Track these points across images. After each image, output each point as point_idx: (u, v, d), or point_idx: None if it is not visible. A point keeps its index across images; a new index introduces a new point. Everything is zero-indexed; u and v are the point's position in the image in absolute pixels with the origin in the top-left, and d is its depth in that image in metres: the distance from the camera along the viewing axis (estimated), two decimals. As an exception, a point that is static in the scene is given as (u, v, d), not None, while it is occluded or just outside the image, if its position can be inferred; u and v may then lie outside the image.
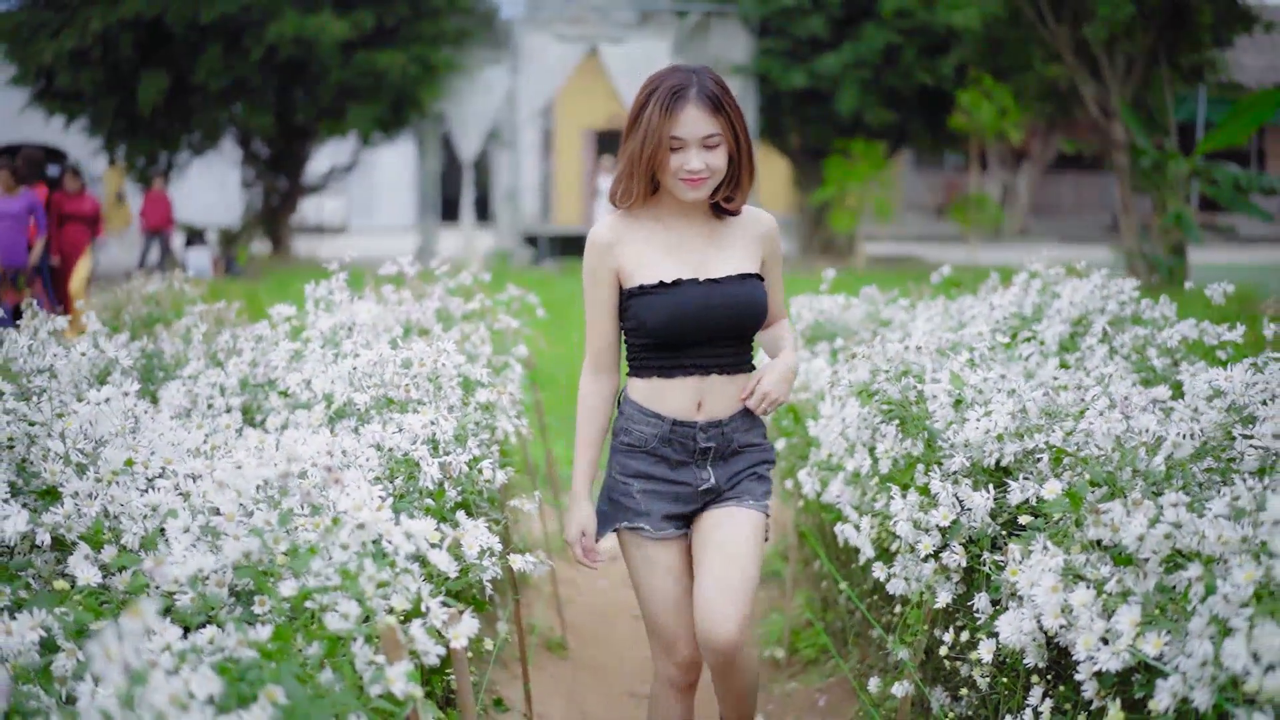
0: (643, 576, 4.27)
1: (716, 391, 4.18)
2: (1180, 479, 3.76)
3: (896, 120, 30.93)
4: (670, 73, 4.06)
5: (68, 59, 26.46)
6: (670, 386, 4.17)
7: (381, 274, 6.65)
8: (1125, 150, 22.74)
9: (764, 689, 6.19)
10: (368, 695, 2.92)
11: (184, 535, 3.32)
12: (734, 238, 4.23)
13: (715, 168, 4.05)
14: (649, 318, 4.12)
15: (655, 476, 4.21)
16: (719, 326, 4.13)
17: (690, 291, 4.12)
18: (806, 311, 7.45)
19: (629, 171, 4.10)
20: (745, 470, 4.25)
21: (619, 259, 4.18)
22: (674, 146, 4.01)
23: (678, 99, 3.98)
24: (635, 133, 4.04)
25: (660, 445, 4.18)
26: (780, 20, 30.53)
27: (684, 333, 4.11)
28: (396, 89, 28.16)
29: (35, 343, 5.25)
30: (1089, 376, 5.07)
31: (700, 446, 4.19)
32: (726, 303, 4.13)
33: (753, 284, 4.19)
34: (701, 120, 3.99)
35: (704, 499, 4.23)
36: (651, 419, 4.18)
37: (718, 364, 4.18)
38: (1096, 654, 3.19)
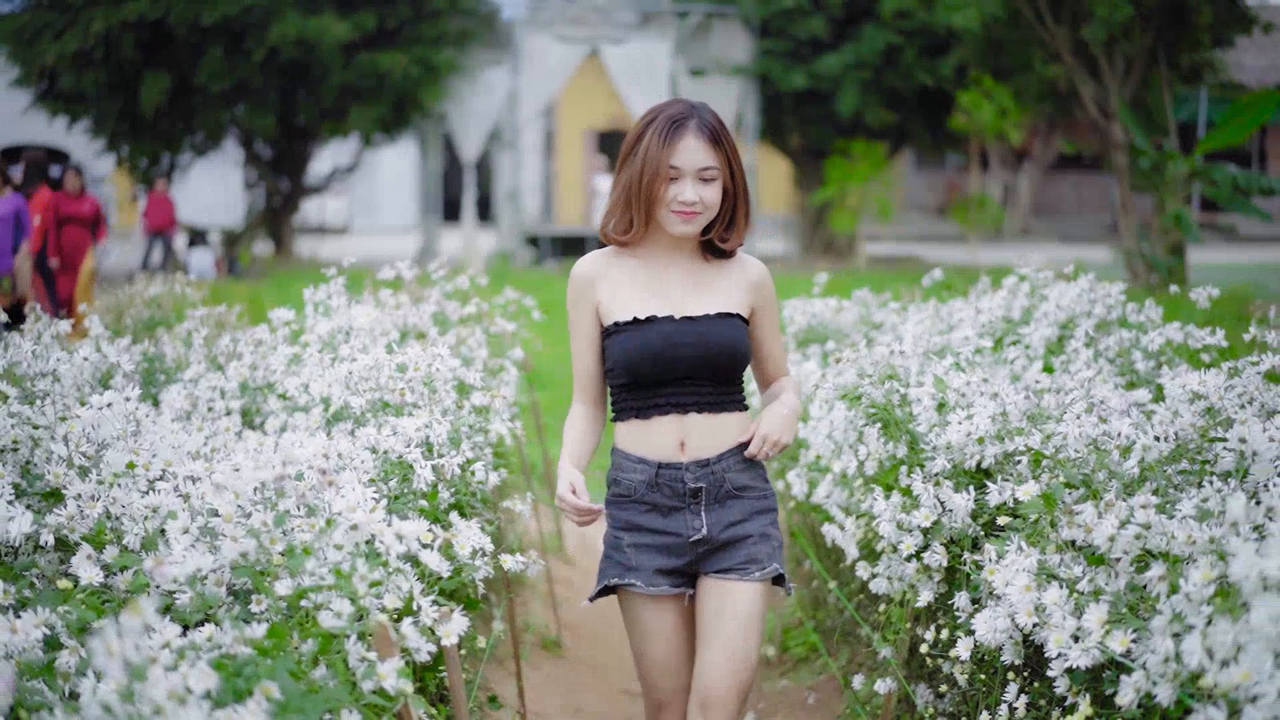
0: (635, 637, 4.11)
1: (699, 430, 4.01)
2: (1154, 482, 3.86)
3: (897, 121, 31.03)
4: (670, 104, 3.99)
5: (70, 60, 26.55)
6: (650, 428, 4.02)
7: (379, 278, 6.75)
8: (1124, 150, 22.81)
9: (755, 687, 6.29)
10: (360, 691, 3.02)
11: (183, 536, 3.42)
12: (721, 281, 4.09)
13: (709, 202, 3.94)
14: (620, 355, 3.99)
15: (645, 527, 4.01)
16: (692, 365, 3.97)
17: (661, 328, 3.98)
18: (799, 315, 7.54)
19: (625, 201, 3.98)
20: (743, 523, 4.03)
21: (598, 295, 4.06)
22: (671, 177, 3.92)
23: (677, 128, 3.91)
24: (632, 161, 3.95)
25: (649, 491, 4.01)
26: (781, 21, 30.62)
27: (652, 370, 3.97)
28: (398, 90, 28.25)
29: (39, 347, 5.35)
30: (1073, 380, 5.18)
31: (690, 487, 3.99)
32: (698, 341, 3.98)
33: (731, 324, 4.03)
34: (700, 151, 3.91)
35: (697, 552, 4.01)
36: (638, 464, 4.02)
37: (697, 402, 4.01)
38: (1068, 651, 3.29)
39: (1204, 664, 2.64)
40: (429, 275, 7.24)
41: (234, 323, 7.13)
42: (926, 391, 4.69)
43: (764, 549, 4.03)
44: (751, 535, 4.02)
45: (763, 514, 4.07)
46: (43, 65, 26.75)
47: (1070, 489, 3.88)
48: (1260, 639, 2.50)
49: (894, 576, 4.43)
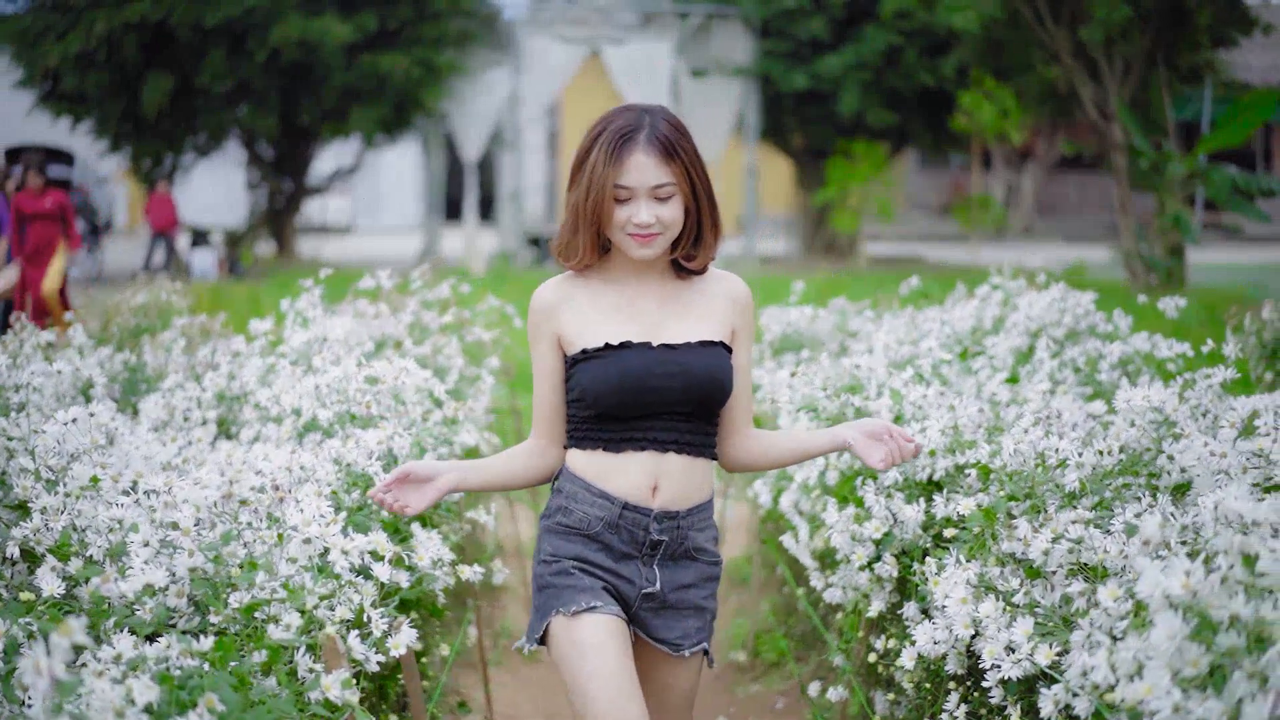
0: (585, 657, 3.48)
1: (675, 475, 3.60)
2: (1094, 496, 3.95)
3: (898, 121, 31.10)
4: (619, 113, 3.56)
5: (73, 62, 26.71)
6: (618, 464, 3.58)
7: (360, 287, 6.84)
8: (1123, 151, 22.88)
9: (727, 692, 6.39)
10: (305, 701, 3.11)
11: (143, 549, 3.51)
12: (698, 302, 3.67)
13: (667, 221, 3.51)
14: (590, 385, 3.55)
15: (594, 564, 3.59)
16: (674, 399, 3.56)
17: (639, 356, 3.55)
18: (775, 323, 7.63)
19: (573, 224, 3.56)
20: (691, 588, 3.67)
21: (560, 323, 3.63)
22: (620, 197, 3.50)
23: (625, 143, 3.49)
24: (579, 181, 3.53)
25: (606, 531, 3.58)
26: (782, 22, 30.71)
27: (630, 403, 3.54)
28: (399, 91, 28.37)
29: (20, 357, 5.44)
30: (1032, 391, 5.27)
31: (651, 539, 3.59)
32: (681, 372, 3.56)
33: (716, 354, 3.61)
34: (650, 168, 3.48)
35: (644, 604, 3.63)
36: (599, 499, 3.58)
37: (676, 441, 3.60)
38: (1001, 662, 3.39)
39: (1108, 679, 2.73)
40: (408, 284, 7.34)
41: (219, 330, 7.23)
42: (884, 404, 4.79)
43: (695, 623, 3.69)
44: (692, 607, 3.68)
45: (710, 581, 3.72)
46: (45, 67, 26.91)
47: (1015, 501, 3.97)
48: (1159, 656, 2.59)
49: (848, 586, 4.53)
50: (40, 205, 14.82)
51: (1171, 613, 2.62)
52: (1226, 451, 3.87)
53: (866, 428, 3.68)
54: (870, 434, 3.66)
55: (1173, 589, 2.66)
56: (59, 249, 14.72)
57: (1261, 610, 2.61)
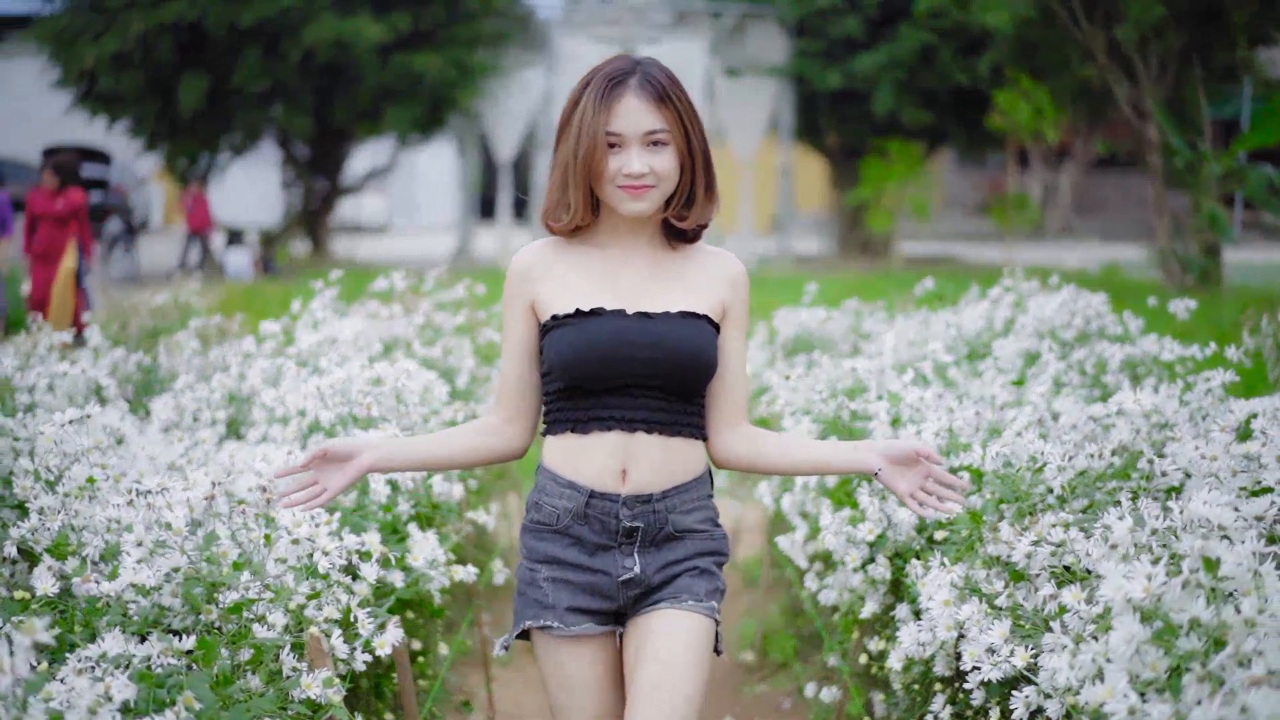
0: (553, 688, 3.43)
1: (645, 456, 3.35)
2: (1083, 499, 3.96)
3: (933, 120, 31.03)
4: (610, 60, 3.37)
5: (109, 62, 26.87)
6: (586, 447, 3.35)
7: (373, 288, 6.90)
8: (1159, 150, 22.78)
9: (734, 692, 6.42)
10: (284, 698, 3.16)
11: (136, 549, 3.56)
12: (687, 273, 3.44)
13: (661, 172, 3.29)
14: (555, 354, 3.33)
15: (567, 562, 3.37)
16: (644, 371, 3.31)
17: (610, 323, 3.31)
18: (786, 325, 7.66)
19: (562, 181, 3.35)
20: (683, 561, 3.41)
21: (536, 289, 3.40)
22: (611, 143, 3.29)
23: (616, 87, 3.28)
24: (567, 133, 3.33)
25: (575, 523, 3.36)
26: (816, 21, 30.69)
27: (595, 374, 3.30)
28: (433, 91, 28.46)
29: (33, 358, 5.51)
30: (1034, 395, 5.28)
31: (624, 526, 3.35)
32: (655, 342, 3.31)
33: (697, 326, 3.36)
34: (643, 112, 3.27)
35: (628, 594, 3.38)
36: (566, 489, 3.36)
37: (646, 419, 3.34)
38: (981, 664, 3.41)
39: (1070, 681, 2.76)
40: (420, 286, 7.39)
41: (237, 331, 7.29)
42: (883, 407, 4.81)
43: (701, 584, 3.41)
44: (691, 571, 3.41)
45: (708, 555, 3.45)
46: (82, 67, 27.09)
47: (1006, 504, 3.99)
48: (1118, 660, 2.61)
49: (842, 588, 4.56)
50: (51, 207, 14.72)
51: (1130, 616, 2.64)
52: (1218, 454, 3.88)
53: (896, 451, 3.38)
54: (899, 458, 3.37)
55: (1134, 593, 2.68)
56: (68, 250, 14.59)
57: (1223, 614, 2.63)
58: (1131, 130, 24.46)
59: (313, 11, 27.09)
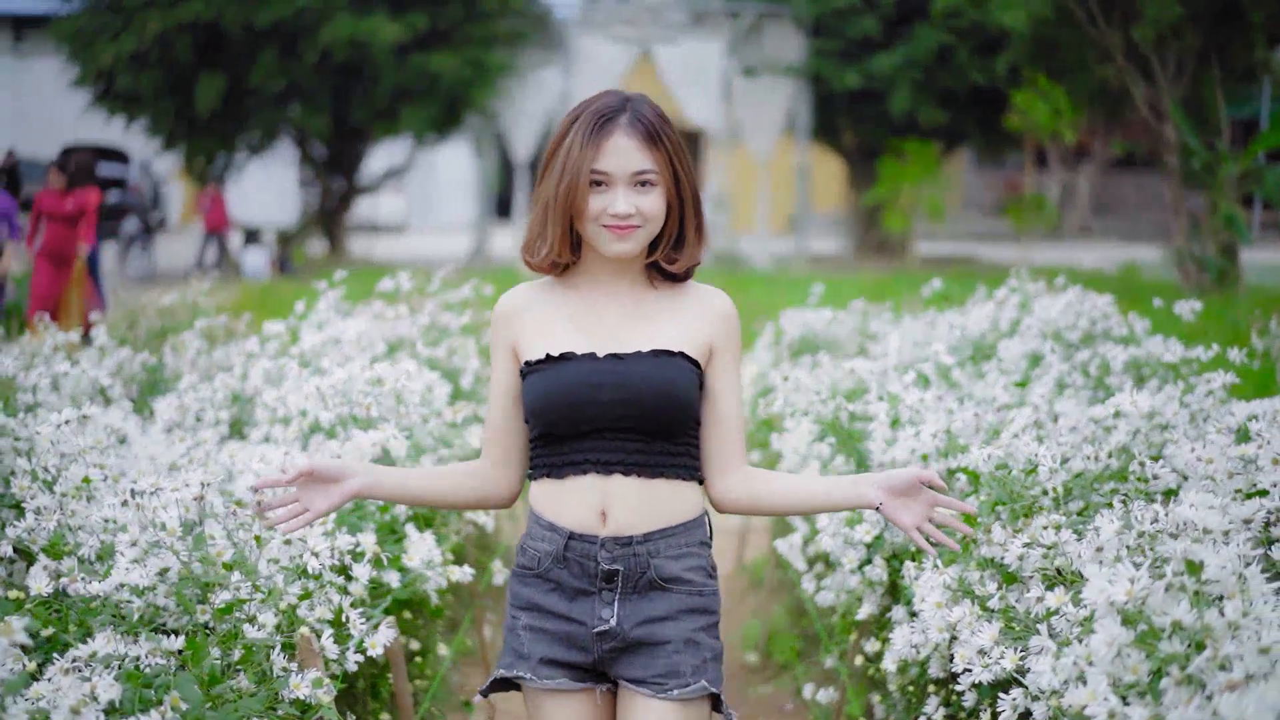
0: None
1: (623, 497, 3.21)
2: (1079, 500, 3.96)
3: (950, 120, 30.99)
4: (600, 96, 3.29)
5: (127, 61, 26.96)
6: (564, 490, 3.24)
7: (379, 289, 6.91)
8: (1176, 151, 22.72)
9: (738, 693, 6.42)
10: (274, 698, 3.17)
11: (130, 549, 3.57)
12: (669, 312, 3.32)
13: (648, 213, 3.19)
14: (529, 400, 3.25)
15: (545, 609, 3.25)
16: (614, 413, 3.19)
17: (578, 367, 3.21)
18: (792, 326, 7.66)
19: (542, 216, 3.23)
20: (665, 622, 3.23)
21: (516, 333, 3.32)
22: (596, 181, 3.18)
23: (605, 124, 3.19)
24: (552, 168, 3.21)
25: (555, 566, 3.24)
26: (833, 20, 30.66)
27: (565, 418, 3.20)
28: (450, 91, 28.48)
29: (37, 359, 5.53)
30: (1036, 396, 5.28)
31: (603, 569, 3.21)
32: (621, 383, 3.19)
33: (671, 364, 3.23)
34: (632, 152, 3.18)
35: (603, 647, 3.22)
36: (547, 531, 3.26)
37: (622, 461, 3.21)
38: (972, 666, 3.41)
39: (1053, 683, 2.76)
40: (425, 286, 7.40)
41: (243, 331, 7.32)
42: (883, 408, 4.81)
43: (688, 659, 3.24)
44: (672, 641, 3.23)
45: (693, 614, 3.26)
46: (100, 66, 27.18)
47: (1002, 506, 3.99)
48: (1099, 663, 2.61)
49: (840, 589, 4.56)
50: (60, 206, 14.60)
51: (1112, 619, 2.64)
52: (1214, 457, 3.88)
53: (897, 482, 3.24)
54: (900, 489, 3.23)
55: (1116, 595, 2.68)
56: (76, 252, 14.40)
57: (1206, 617, 2.63)
58: (1149, 130, 24.40)
59: (329, 11, 27.14)
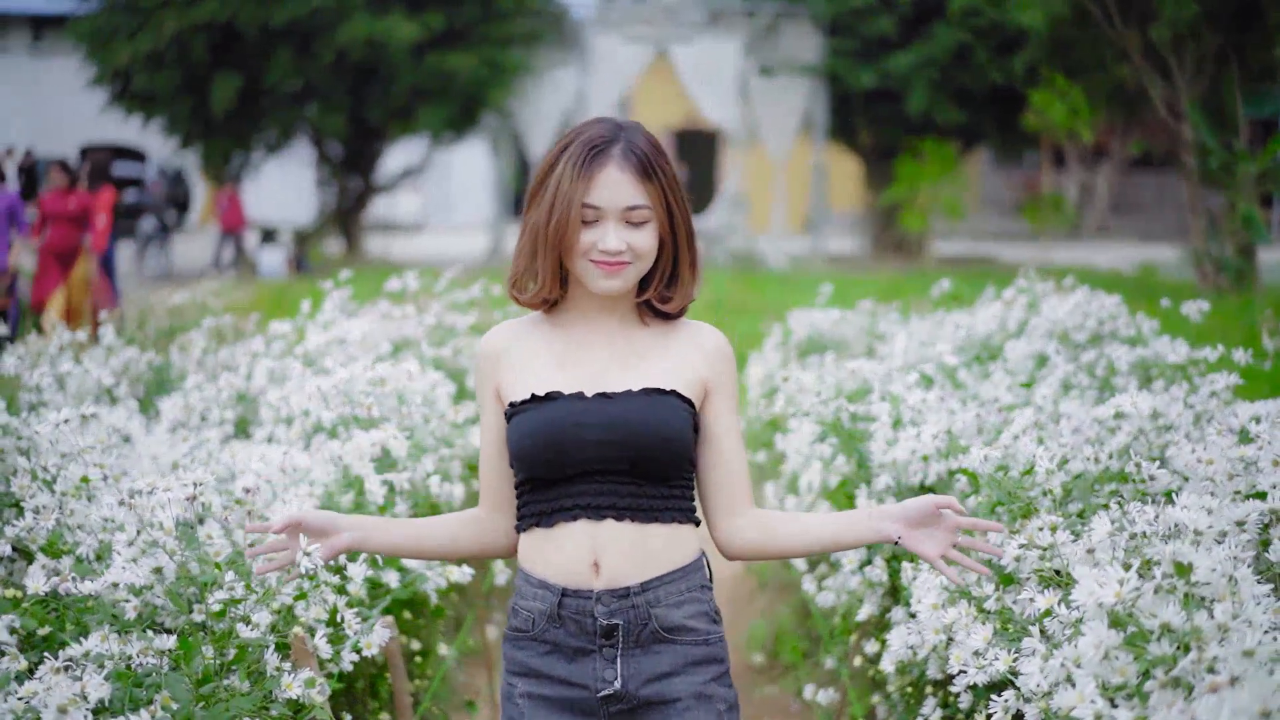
0: None
1: (618, 545, 3.02)
2: (1079, 502, 3.95)
3: (967, 119, 30.93)
4: (591, 124, 3.10)
5: (143, 61, 27.09)
6: (553, 539, 3.03)
7: (387, 289, 6.92)
8: (1193, 150, 22.66)
9: (744, 693, 6.42)
10: (262, 699, 3.17)
11: (127, 549, 3.57)
12: (661, 350, 3.14)
13: (640, 250, 3.03)
14: (514, 443, 3.07)
15: (544, 674, 3.03)
16: (603, 455, 3.01)
17: (564, 407, 3.03)
18: (800, 326, 7.66)
19: (531, 249, 3.07)
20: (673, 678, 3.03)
21: (500, 373, 3.14)
22: (587, 219, 3.02)
23: (597, 156, 3.01)
24: (540, 199, 3.05)
25: (550, 626, 3.02)
26: (850, 20, 30.62)
27: (550, 461, 3.01)
28: (466, 90, 28.53)
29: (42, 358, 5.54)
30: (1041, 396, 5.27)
31: (602, 625, 3.00)
32: (611, 424, 3.01)
33: (663, 403, 3.05)
34: (625, 185, 3.01)
35: (610, 711, 3.03)
36: (538, 589, 3.04)
37: (614, 505, 3.02)
38: (967, 667, 3.40)
39: (1042, 685, 2.75)
40: (430, 287, 7.41)
41: (251, 330, 7.33)
42: (884, 409, 4.80)
43: (702, 715, 3.06)
44: (682, 698, 3.03)
45: (701, 665, 3.07)
46: (117, 66, 27.31)
47: (1001, 507, 3.98)
48: (1087, 665, 2.60)
49: (840, 590, 4.55)
50: (63, 207, 14.48)
51: (1100, 621, 2.63)
52: (1214, 458, 3.87)
53: (914, 512, 3.06)
54: (918, 518, 3.05)
55: (1105, 597, 2.67)
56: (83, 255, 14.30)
57: (1196, 619, 2.62)
58: (1167, 130, 24.34)
59: (346, 11, 27.20)
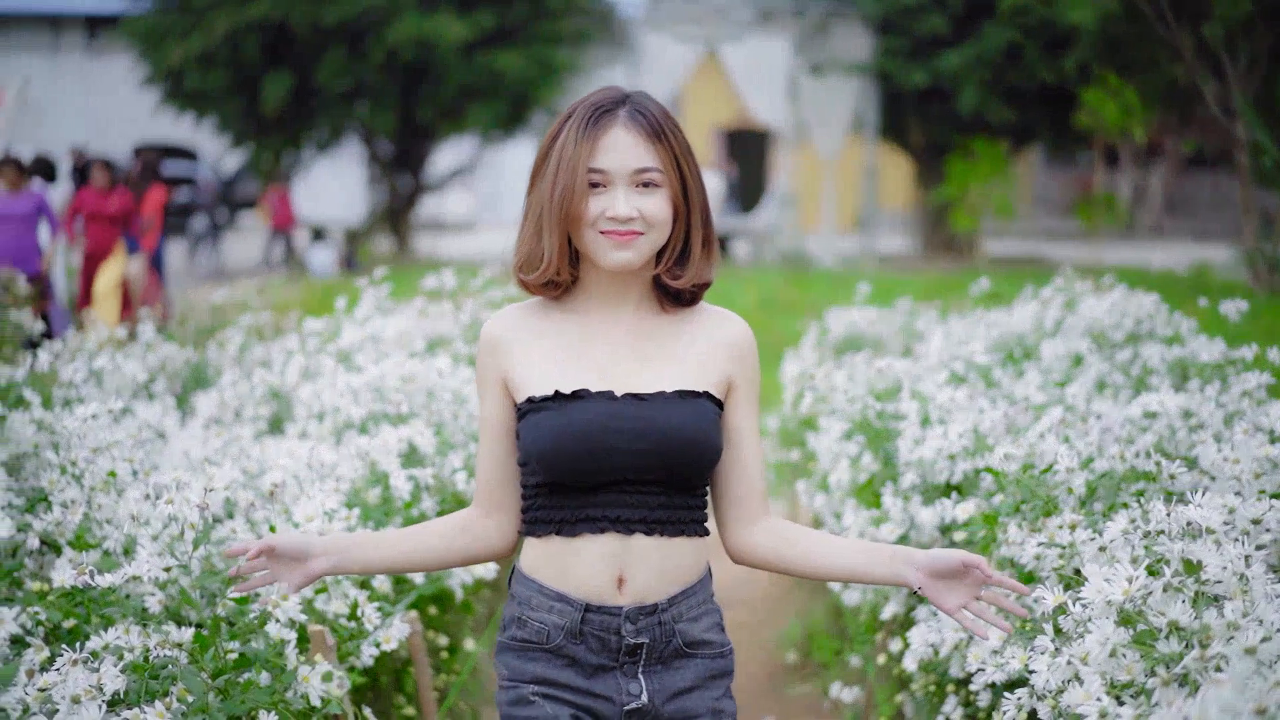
0: None
1: (644, 561, 2.86)
2: (1106, 500, 3.94)
3: (1019, 118, 30.78)
4: (596, 92, 2.92)
5: (196, 60, 27.30)
6: (576, 552, 2.85)
7: (425, 287, 6.96)
8: (1247, 149, 22.48)
9: (776, 691, 6.42)
10: (280, 693, 3.20)
11: (151, 543, 3.61)
12: (682, 342, 2.94)
13: (651, 217, 2.81)
14: (535, 444, 2.83)
15: (561, 684, 2.87)
16: (637, 464, 2.82)
17: (595, 408, 2.83)
18: (837, 324, 7.65)
19: (535, 226, 2.86)
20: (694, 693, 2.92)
21: (508, 364, 2.90)
22: (594, 182, 2.82)
23: (601, 118, 2.83)
24: (544, 170, 2.86)
25: (569, 642, 2.86)
26: (901, 18, 30.50)
27: (581, 469, 2.81)
28: (515, 89, 28.60)
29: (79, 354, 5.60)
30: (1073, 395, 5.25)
31: (627, 643, 2.86)
32: (646, 430, 2.82)
33: (697, 407, 2.87)
34: (633, 148, 2.81)
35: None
36: (555, 603, 2.85)
37: (645, 519, 2.85)
38: (985, 666, 3.41)
39: (1050, 683, 2.75)
40: (466, 284, 7.45)
41: (294, 326, 7.38)
42: (913, 407, 4.80)
43: None
44: (701, 715, 2.93)
45: (717, 679, 2.97)
46: (169, 65, 27.53)
47: (1026, 504, 3.97)
48: (1093, 663, 2.60)
49: (866, 588, 4.55)
50: (102, 206, 14.32)
51: (1107, 619, 2.63)
52: (1240, 458, 3.85)
53: (941, 565, 2.84)
54: (944, 572, 2.83)
55: (1113, 595, 2.67)
56: (117, 252, 14.17)
57: (1205, 617, 2.61)
58: (1220, 129, 24.16)
59: (396, 10, 27.32)
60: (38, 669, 3.30)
